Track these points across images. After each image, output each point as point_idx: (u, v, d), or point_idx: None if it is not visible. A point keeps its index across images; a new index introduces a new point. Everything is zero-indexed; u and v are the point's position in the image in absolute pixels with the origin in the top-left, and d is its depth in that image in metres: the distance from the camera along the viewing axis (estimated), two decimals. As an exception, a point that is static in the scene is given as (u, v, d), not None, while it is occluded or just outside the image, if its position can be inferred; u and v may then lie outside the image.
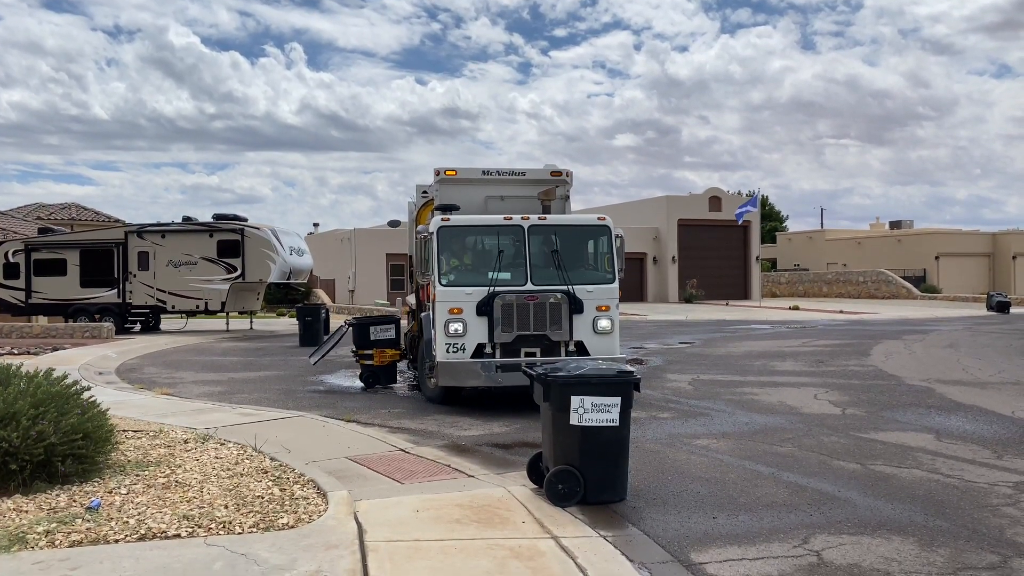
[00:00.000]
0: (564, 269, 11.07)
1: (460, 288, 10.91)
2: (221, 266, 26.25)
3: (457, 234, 11.35)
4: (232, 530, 5.73)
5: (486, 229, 11.50)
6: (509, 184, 12.74)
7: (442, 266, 11.01)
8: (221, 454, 8.07)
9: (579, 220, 11.85)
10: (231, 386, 14.19)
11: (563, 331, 10.91)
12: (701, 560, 5.44)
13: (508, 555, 5.35)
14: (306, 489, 6.82)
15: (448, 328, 10.78)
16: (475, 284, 10.94)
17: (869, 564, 5.29)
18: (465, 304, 10.80)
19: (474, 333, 10.81)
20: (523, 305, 10.83)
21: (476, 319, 10.78)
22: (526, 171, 12.84)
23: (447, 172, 12.41)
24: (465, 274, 11.27)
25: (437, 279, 10.92)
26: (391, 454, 8.44)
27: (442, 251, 11.07)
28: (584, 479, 6.56)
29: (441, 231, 11.10)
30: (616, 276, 11.35)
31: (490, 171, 12.68)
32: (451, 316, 10.81)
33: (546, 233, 11.30)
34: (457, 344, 10.82)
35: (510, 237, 11.29)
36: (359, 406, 11.80)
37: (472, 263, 11.49)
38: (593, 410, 6.56)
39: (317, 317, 22.73)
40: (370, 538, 5.62)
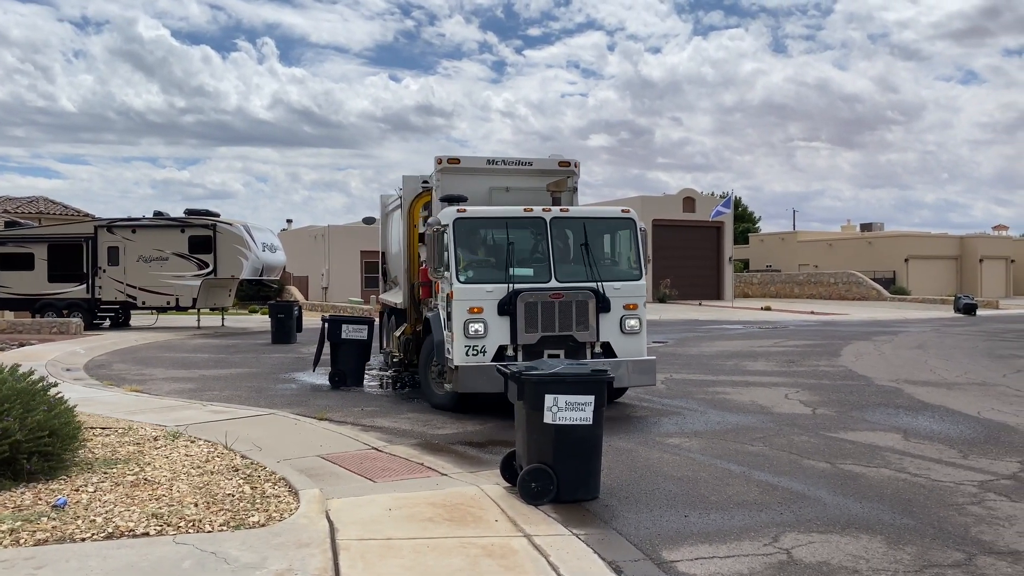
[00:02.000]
0: (592, 265, 10.45)
1: (480, 285, 10.12)
2: (193, 262, 25.97)
3: (473, 226, 10.49)
4: (202, 528, 5.67)
5: (505, 221, 10.58)
6: (515, 174, 12.08)
7: (459, 261, 10.23)
8: (191, 452, 7.98)
9: (603, 212, 11.27)
10: (202, 383, 14.05)
11: (590, 331, 10.24)
12: (673, 558, 5.47)
13: (481, 553, 5.34)
14: (277, 487, 6.77)
15: (468, 329, 10.00)
16: (495, 281, 10.13)
17: (838, 562, 5.35)
18: (485, 303, 10.04)
19: (495, 334, 10.05)
20: (548, 304, 10.11)
21: (497, 319, 10.02)
22: (533, 161, 12.20)
23: (450, 160, 11.60)
24: (483, 270, 10.37)
25: (455, 275, 10.13)
26: (364, 452, 8.40)
27: (459, 245, 10.26)
28: (557, 477, 6.57)
29: (457, 223, 10.31)
30: (643, 272, 10.75)
31: (495, 160, 11.96)
32: (471, 316, 10.02)
33: (569, 226, 10.68)
34: (477, 346, 10.03)
35: (530, 230, 10.58)
36: (332, 404, 11.73)
37: (489, 258, 10.59)
38: (567, 408, 6.57)
39: (290, 314, 22.55)
40: (342, 536, 5.59)
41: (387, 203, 16.30)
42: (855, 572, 5.19)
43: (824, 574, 5.16)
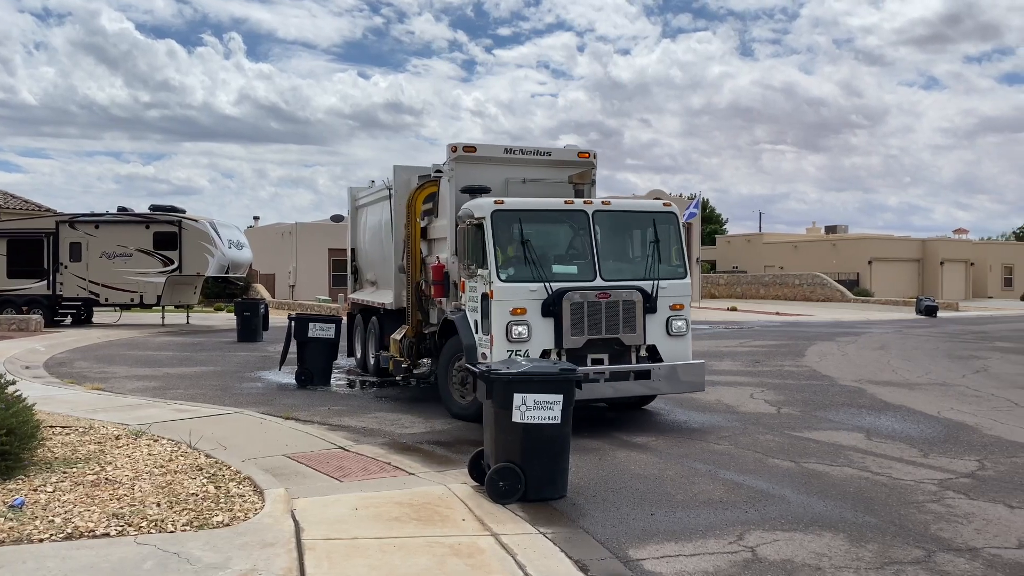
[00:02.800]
0: (637, 262, 10.02)
1: (522, 284, 9.39)
2: (157, 258, 25.60)
3: (512, 220, 9.64)
4: (164, 528, 5.59)
5: (545, 215, 10.00)
6: (533, 165, 11.45)
7: (499, 258, 9.49)
8: (154, 451, 7.87)
9: (645, 206, 10.67)
10: (166, 381, 13.86)
11: (637, 334, 9.66)
12: (639, 556, 5.50)
13: (448, 552, 5.33)
14: (242, 487, 6.69)
15: (510, 332, 9.26)
16: (538, 279, 9.45)
17: (801, 560, 5.42)
18: (529, 303, 9.34)
19: (539, 337, 9.35)
20: (594, 304, 9.47)
21: (541, 321, 9.34)
22: (552, 151, 11.61)
23: (466, 148, 10.91)
24: (524, 267, 9.59)
25: (494, 273, 9.36)
26: (330, 452, 8.34)
27: (498, 240, 9.52)
28: (525, 476, 6.58)
29: (496, 216, 9.55)
30: (687, 270, 10.31)
31: (513, 149, 11.31)
32: (513, 318, 9.28)
33: (610, 220, 10.02)
34: (520, 351, 9.28)
35: (571, 224, 9.96)
36: (298, 403, 11.63)
37: (527, 255, 9.75)
38: (535, 408, 6.59)
39: (256, 312, 22.32)
40: (307, 536, 5.54)
41: (358, 197, 15.70)
42: (818, 569, 5.25)
43: (788, 572, 5.22)
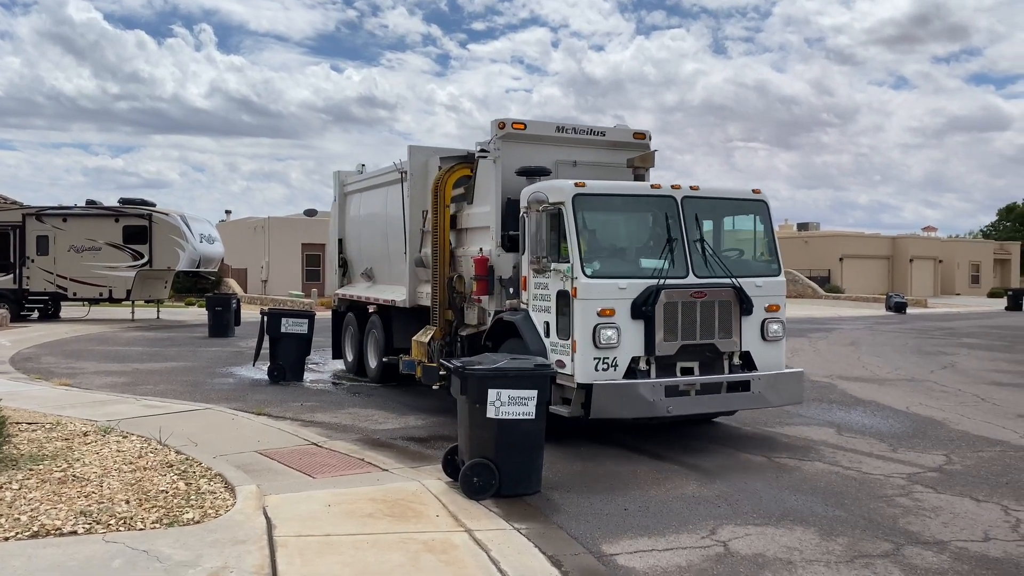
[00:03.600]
0: (728, 257, 8.96)
1: (611, 281, 8.17)
2: (127, 252, 25.25)
3: (595, 206, 8.55)
4: (133, 526, 5.52)
5: (630, 201, 8.94)
6: (585, 146, 10.43)
7: (583, 250, 8.25)
8: (123, 447, 7.76)
9: (734, 192, 9.41)
10: (136, 377, 13.68)
11: (733, 339, 8.53)
12: (612, 551, 5.51)
13: (421, 549, 5.31)
14: (213, 483, 6.62)
15: (599, 336, 7.98)
16: (628, 275, 8.30)
17: (773, 554, 5.46)
18: (618, 303, 8.09)
19: (628, 342, 8.11)
20: (688, 305, 8.29)
21: (631, 324, 8.11)
22: (606, 131, 10.56)
23: (515, 125, 9.87)
24: (611, 261, 8.58)
25: (578, 267, 8.12)
26: (303, 448, 8.28)
27: (581, 229, 8.32)
28: (499, 472, 6.58)
29: (578, 201, 8.35)
30: (781, 267, 9.25)
31: (565, 127, 10.30)
32: (602, 319, 8.01)
33: (700, 208, 8.83)
34: (608, 358, 8.02)
35: (658, 211, 8.75)
36: (270, 399, 11.53)
37: (613, 246, 8.85)
38: (510, 403, 6.58)
39: (228, 307, 22.10)
40: (279, 533, 5.50)
41: (347, 182, 14.56)
42: (789, 563, 5.30)
43: (760, 566, 5.26)
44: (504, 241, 9.58)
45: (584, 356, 8.01)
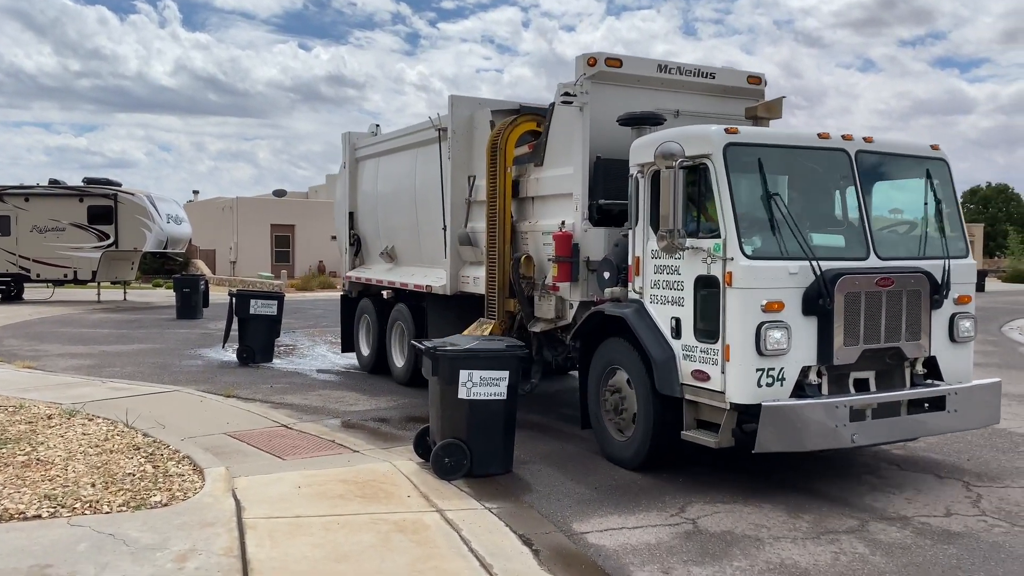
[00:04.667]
0: (928, 230, 6.98)
1: (779, 263, 6.10)
2: (92, 233, 24.83)
3: (750, 160, 6.34)
4: (99, 509, 5.45)
5: (795, 155, 6.67)
6: (690, 91, 8.49)
7: (739, 218, 6.12)
8: (89, 430, 7.65)
9: (913, 148, 7.20)
10: (102, 359, 13.49)
11: (921, 341, 6.57)
12: (583, 530, 5.55)
13: (392, 529, 5.30)
14: (181, 466, 6.56)
15: (765, 339, 5.94)
16: (797, 256, 6.18)
17: (741, 531, 5.53)
18: (787, 293, 6.07)
19: (799, 347, 6.10)
20: (873, 296, 6.30)
21: (802, 321, 6.12)
22: (716, 72, 8.62)
23: (609, 61, 7.86)
24: (774, 237, 6.25)
25: (735, 244, 6.03)
26: (273, 430, 8.22)
27: (735, 190, 6.20)
28: (471, 452, 6.59)
29: (731, 153, 6.25)
30: (968, 245, 7.22)
31: (668, 66, 8.32)
32: (769, 316, 5.99)
33: (876, 167, 6.90)
34: (775, 369, 6.03)
35: (824, 170, 6.84)
36: (240, 381, 11.43)
37: (778, 216, 6.29)
38: (481, 384, 6.60)
39: (196, 288, 21.81)
40: (249, 515, 5.46)
41: (359, 145, 12.66)
42: (757, 540, 5.37)
43: (728, 543, 5.33)
44: (592, 212, 7.74)
45: (743, 366, 5.98)
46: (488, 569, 4.74)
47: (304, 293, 30.82)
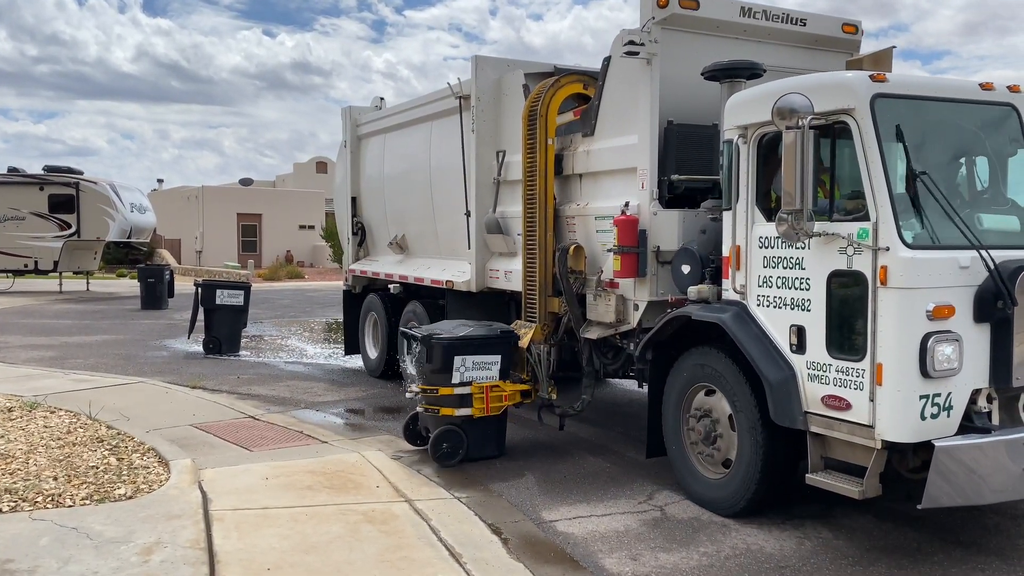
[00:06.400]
0: None
1: (947, 254, 4.79)
2: (53, 222, 24.38)
3: (905, 118, 4.99)
4: (62, 503, 5.37)
5: (953, 111, 5.27)
6: (777, 40, 7.06)
7: (895, 195, 4.80)
8: (51, 423, 7.53)
9: None
10: (64, 351, 13.26)
11: None
12: (552, 518, 5.58)
13: (361, 520, 5.29)
14: (146, 458, 6.48)
15: (932, 356, 4.65)
16: (965, 245, 4.85)
17: (708, 518, 5.60)
18: (958, 295, 4.77)
19: (970, 365, 4.81)
20: None
21: (974, 331, 4.83)
22: (807, 18, 7.17)
23: (684, 2, 6.48)
24: (937, 220, 4.93)
25: (892, 228, 4.70)
26: (240, 421, 8.15)
27: (887, 156, 4.84)
28: (467, 437, 6.72)
29: (880, 107, 4.89)
30: None
31: (752, 10, 6.89)
32: (935, 325, 4.68)
33: None
34: (941, 395, 4.74)
35: (989, 131, 5.44)
36: (206, 372, 11.30)
37: (933, 192, 4.93)
38: (474, 368, 6.72)
39: (160, 278, 21.52)
40: (215, 507, 5.41)
41: (361, 121, 11.35)
42: (724, 526, 5.44)
43: (695, 529, 5.39)
44: (664, 190, 6.41)
45: (902, 392, 4.66)
46: (457, 558, 4.75)
47: (272, 283, 30.54)
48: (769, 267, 5.38)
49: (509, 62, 8.48)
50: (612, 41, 6.75)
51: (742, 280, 5.55)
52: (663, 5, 6.43)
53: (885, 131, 4.85)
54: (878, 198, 4.75)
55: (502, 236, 8.19)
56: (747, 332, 5.38)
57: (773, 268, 5.35)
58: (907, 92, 5.06)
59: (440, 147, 9.28)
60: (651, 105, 6.37)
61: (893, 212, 4.71)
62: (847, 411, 4.87)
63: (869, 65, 6.49)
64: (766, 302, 5.39)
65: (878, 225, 4.72)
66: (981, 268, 4.78)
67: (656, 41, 6.38)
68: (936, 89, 5.21)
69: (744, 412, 5.44)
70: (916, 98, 5.11)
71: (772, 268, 5.36)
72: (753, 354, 5.27)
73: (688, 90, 6.42)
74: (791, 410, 5.11)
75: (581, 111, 7.37)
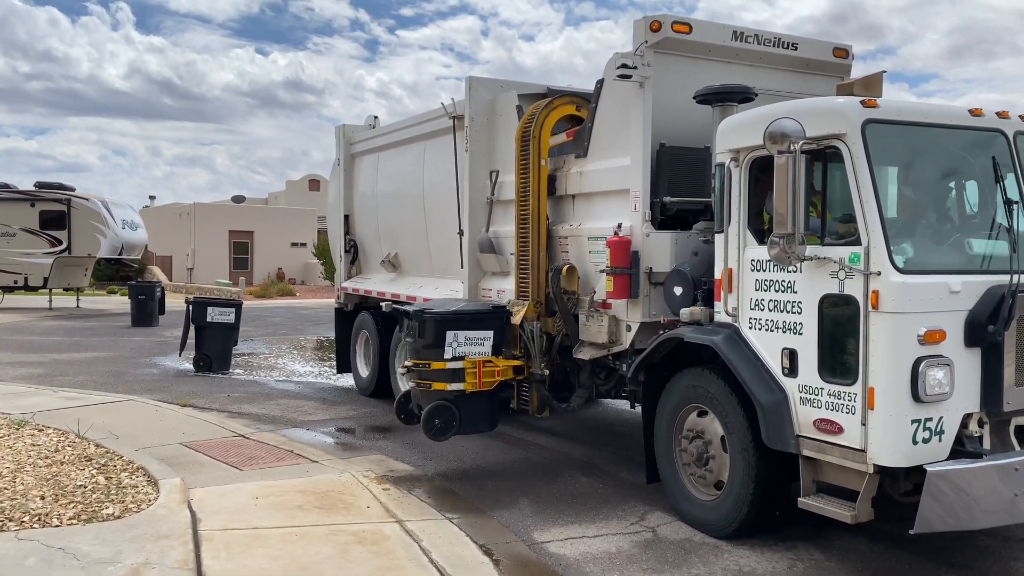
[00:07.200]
0: None
1: (938, 279, 4.83)
2: (44, 238, 24.29)
3: (894, 142, 5.18)
4: (49, 523, 5.32)
5: (943, 137, 5.30)
6: (768, 65, 7.15)
7: (886, 219, 4.84)
8: (39, 441, 7.46)
9: None
10: (53, 368, 13.18)
11: None
12: (544, 539, 5.55)
13: (351, 540, 5.25)
14: (135, 477, 6.43)
15: (924, 380, 4.69)
16: (957, 268, 5.01)
17: (700, 539, 5.58)
18: (949, 319, 4.82)
19: (961, 390, 4.85)
20: None
21: (964, 355, 4.87)
22: (799, 42, 7.25)
23: (677, 27, 6.54)
24: (928, 243, 5.29)
25: (883, 252, 4.73)
26: (230, 439, 8.09)
27: (877, 181, 4.90)
28: (459, 412, 6.76)
29: (871, 133, 4.91)
30: None
31: (744, 34, 6.96)
32: (927, 349, 4.73)
33: None
34: (933, 420, 4.77)
35: (977, 155, 5.43)
36: (196, 390, 11.24)
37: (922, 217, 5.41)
38: (467, 344, 6.75)
39: (151, 295, 21.43)
40: (204, 527, 5.36)
41: (355, 140, 11.38)
42: (716, 547, 5.42)
43: (687, 551, 5.37)
44: (656, 212, 6.45)
45: (894, 417, 4.68)
46: (448, 580, 4.72)
47: (263, 300, 30.45)
48: (761, 290, 5.38)
49: (503, 83, 8.52)
50: (605, 64, 6.82)
51: (734, 302, 5.56)
52: (656, 29, 6.48)
53: (876, 156, 4.90)
54: (869, 223, 4.78)
55: (495, 255, 8.21)
56: (739, 355, 5.39)
57: (765, 291, 5.36)
58: (897, 118, 5.09)
59: (433, 166, 9.31)
60: (644, 127, 6.42)
61: (884, 237, 4.73)
62: (839, 435, 4.87)
63: (860, 90, 6.51)
64: (758, 325, 5.39)
65: (869, 249, 4.74)
66: (972, 293, 4.83)
67: (649, 64, 6.43)
68: (926, 115, 5.24)
69: (736, 434, 5.44)
70: (906, 124, 5.14)
71: (764, 291, 5.37)
72: (745, 377, 5.28)
73: (680, 113, 6.48)
74: (783, 433, 5.12)
75: (574, 132, 7.43)
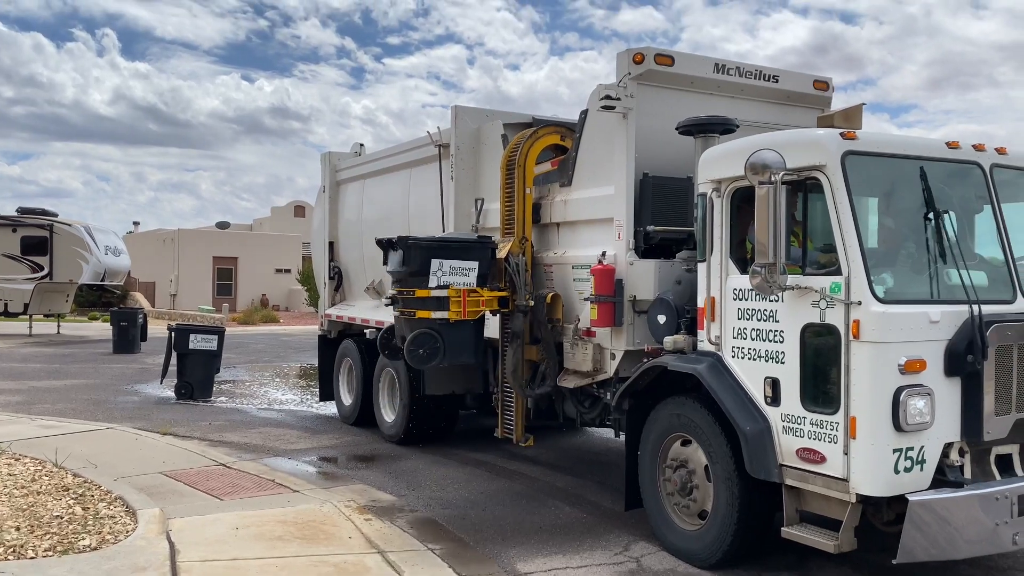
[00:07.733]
0: None
1: (917, 308, 4.90)
2: (25, 264, 24.13)
3: (873, 174, 5.30)
4: (23, 554, 5.23)
5: (921, 168, 5.26)
6: (749, 97, 7.26)
7: (862, 245, 4.90)
8: (15, 470, 7.36)
9: None
10: (32, 395, 13.02)
11: None
12: (527, 570, 5.51)
13: (333, 572, 5.19)
14: (113, 507, 6.35)
15: (905, 409, 4.71)
16: (935, 299, 5.09)
17: (684, 569, 5.55)
18: (928, 348, 4.85)
19: (942, 419, 4.87)
20: None
21: (944, 384, 4.90)
22: (780, 75, 7.40)
23: (659, 59, 6.65)
24: (908, 274, 5.30)
25: (864, 282, 4.80)
26: (211, 469, 8.01)
27: (858, 212, 4.97)
28: (443, 341, 6.82)
29: (851, 165, 5.01)
30: None
31: (726, 66, 7.08)
32: (908, 379, 4.75)
33: (1012, 183, 5.68)
34: (915, 449, 4.80)
35: (955, 187, 5.56)
36: (177, 418, 11.13)
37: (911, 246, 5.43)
38: (451, 274, 6.80)
39: (133, 322, 21.28)
40: (183, 558, 5.29)
41: (340, 167, 11.40)
42: None
43: (671, 581, 5.34)
44: (640, 241, 6.50)
45: (876, 446, 4.69)
46: (430, 612, 4.66)
47: (246, 327, 30.28)
48: (743, 319, 5.41)
49: (488, 112, 8.62)
50: (589, 94, 6.89)
51: (717, 331, 5.58)
52: (639, 61, 6.58)
53: (856, 187, 4.97)
54: (849, 253, 4.83)
55: None
56: (722, 383, 5.39)
57: (747, 320, 5.38)
58: (877, 150, 5.17)
59: (419, 194, 9.35)
60: (627, 157, 6.50)
61: (864, 267, 4.78)
62: (822, 464, 4.88)
63: (840, 121, 6.27)
64: (741, 353, 5.41)
65: (850, 279, 4.79)
66: (951, 323, 4.87)
67: (632, 96, 6.53)
68: (904, 147, 5.32)
69: (720, 463, 5.42)
70: (885, 155, 5.23)
71: (746, 320, 5.38)
72: (728, 406, 5.28)
73: (663, 143, 6.55)
74: (766, 462, 5.11)
75: (559, 161, 7.53)
